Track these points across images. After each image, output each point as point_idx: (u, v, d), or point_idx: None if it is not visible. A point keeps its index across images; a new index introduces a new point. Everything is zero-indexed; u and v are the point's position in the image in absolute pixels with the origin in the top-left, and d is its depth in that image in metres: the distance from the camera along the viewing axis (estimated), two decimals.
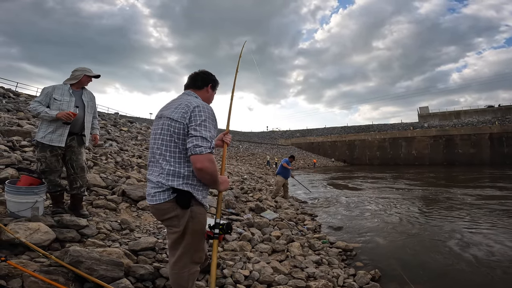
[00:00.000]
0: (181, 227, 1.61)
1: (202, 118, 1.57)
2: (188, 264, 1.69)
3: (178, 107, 1.64)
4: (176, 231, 1.63)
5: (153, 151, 1.67)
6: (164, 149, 1.60)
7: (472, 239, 4.74)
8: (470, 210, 7.17)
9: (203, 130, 1.54)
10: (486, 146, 45.85)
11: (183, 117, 1.58)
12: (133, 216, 3.72)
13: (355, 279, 3.12)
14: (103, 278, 1.88)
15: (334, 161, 54.94)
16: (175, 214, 1.59)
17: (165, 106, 1.77)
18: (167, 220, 1.64)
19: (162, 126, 1.64)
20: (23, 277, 1.73)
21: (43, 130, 2.83)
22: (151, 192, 1.61)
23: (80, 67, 3.08)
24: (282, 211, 6.25)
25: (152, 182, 1.62)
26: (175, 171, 1.57)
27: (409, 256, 4.06)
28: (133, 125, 18.51)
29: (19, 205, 2.54)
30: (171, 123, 1.59)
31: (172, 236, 1.66)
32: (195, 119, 1.56)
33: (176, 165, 1.58)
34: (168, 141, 1.60)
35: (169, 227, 1.68)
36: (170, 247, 1.72)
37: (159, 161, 1.60)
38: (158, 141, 1.63)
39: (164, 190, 1.57)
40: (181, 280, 1.69)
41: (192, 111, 1.58)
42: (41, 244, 2.16)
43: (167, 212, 1.60)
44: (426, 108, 65.57)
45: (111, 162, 6.09)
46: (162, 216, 1.65)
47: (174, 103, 1.73)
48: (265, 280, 2.57)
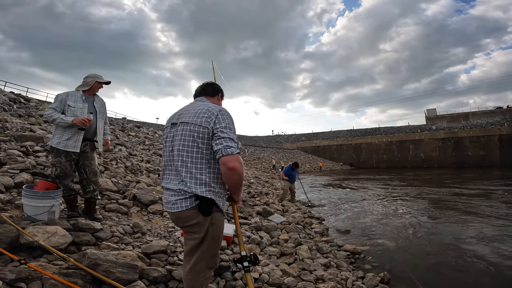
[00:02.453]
0: (202, 234, 1.61)
1: (227, 121, 1.60)
2: (204, 270, 1.70)
3: (199, 112, 1.65)
4: (196, 237, 1.63)
5: (171, 158, 1.66)
6: (186, 155, 1.59)
7: (483, 242, 4.70)
8: (481, 213, 7.10)
9: (230, 132, 1.57)
10: (496, 148, 45.19)
11: (207, 122, 1.59)
12: (144, 220, 3.80)
13: (364, 282, 3.13)
14: (119, 281, 1.94)
15: (342, 164, 54.63)
16: (196, 222, 1.59)
17: (179, 113, 1.77)
18: (187, 227, 1.64)
19: (183, 132, 1.62)
20: (42, 280, 1.77)
21: (58, 136, 2.89)
22: (172, 200, 1.60)
23: (92, 73, 3.16)
24: (289, 215, 6.27)
25: (172, 190, 1.61)
26: (197, 178, 1.56)
27: (418, 258, 4.05)
28: (140, 129, 18.74)
29: (36, 209, 2.62)
30: (194, 128, 1.60)
31: (191, 242, 1.67)
32: (220, 122, 1.59)
33: (198, 171, 1.57)
34: (190, 147, 1.59)
35: (189, 233, 1.67)
36: (187, 253, 1.73)
37: (178, 168, 1.59)
38: (178, 147, 1.62)
39: (187, 198, 1.56)
40: (196, 285, 1.70)
41: (216, 115, 1.61)
42: (59, 247, 2.22)
43: (188, 220, 1.60)
44: (433, 110, 64.96)
45: (121, 167, 6.20)
46: (183, 223, 1.64)
47: (189, 109, 1.73)
48: (275, 283, 2.60)
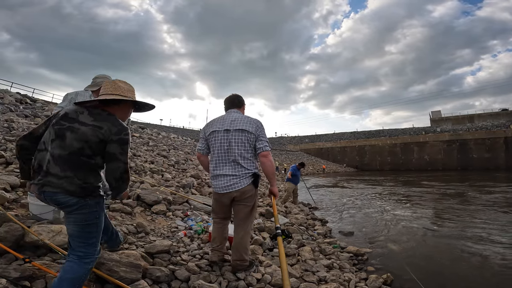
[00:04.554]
0: (253, 202, 2.44)
1: (263, 130, 2.44)
2: (250, 231, 2.55)
3: (247, 122, 2.39)
4: (249, 205, 2.43)
5: (228, 153, 2.35)
6: (244, 150, 2.34)
7: (488, 245, 4.64)
8: (487, 216, 7.02)
9: (266, 137, 2.43)
10: (501, 150, 44.77)
11: (255, 129, 2.37)
12: (148, 220, 3.81)
13: (367, 283, 3.11)
14: (122, 280, 1.95)
15: (345, 166, 54.41)
16: (252, 193, 2.40)
17: (223, 122, 2.44)
18: (245, 199, 2.39)
19: (239, 137, 2.35)
20: (46, 278, 1.79)
21: None
22: (232, 183, 2.31)
23: (101, 74, 3.18)
24: (293, 216, 6.26)
25: (230, 174, 2.33)
26: (250, 164, 2.38)
27: (422, 260, 4.02)
28: (144, 131, 18.84)
29: (41, 208, 2.64)
30: (247, 135, 2.35)
31: (245, 210, 2.43)
32: (261, 130, 2.41)
33: (250, 160, 2.38)
34: (245, 146, 2.35)
35: (244, 203, 2.41)
36: (240, 220, 2.46)
37: (237, 160, 2.32)
38: (236, 146, 2.33)
39: (247, 177, 2.35)
40: (245, 242, 2.45)
41: (258, 125, 2.41)
42: (63, 246, 2.23)
43: (248, 192, 2.37)
44: (438, 112, 64.49)
45: None
46: (245, 196, 2.37)
47: (235, 119, 2.43)
48: (277, 283, 2.59)
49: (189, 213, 4.37)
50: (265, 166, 2.40)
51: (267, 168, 2.41)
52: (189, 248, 3.01)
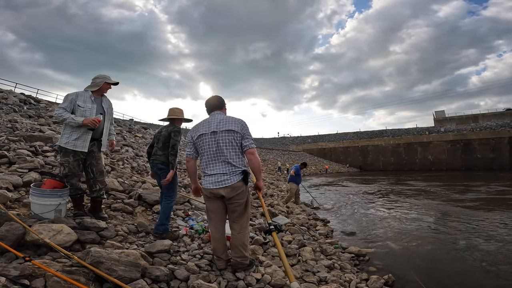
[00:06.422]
0: (245, 198, 2.53)
1: (248, 128, 2.57)
2: (247, 226, 2.60)
3: (232, 122, 2.52)
4: (241, 202, 2.50)
5: (218, 154, 2.46)
6: (232, 149, 2.46)
7: (491, 246, 4.61)
8: (491, 217, 6.97)
9: (251, 135, 2.57)
10: (506, 150, 44.31)
11: (240, 129, 2.50)
12: (149, 220, 3.83)
13: (368, 284, 3.10)
14: (121, 279, 1.95)
15: (348, 166, 54.19)
16: (243, 189, 2.49)
17: (209, 124, 2.54)
18: (237, 195, 2.46)
19: (226, 137, 2.46)
20: (46, 277, 1.79)
21: (67, 136, 2.91)
22: (225, 178, 2.42)
23: (101, 74, 3.18)
24: (294, 217, 6.25)
25: (221, 172, 2.43)
26: (239, 162, 2.49)
27: (423, 261, 4.00)
28: (147, 131, 18.92)
29: (43, 207, 2.67)
30: (234, 134, 2.47)
31: (239, 208, 2.51)
32: (246, 129, 2.54)
33: (238, 158, 2.49)
34: (233, 145, 2.47)
35: (237, 200, 2.48)
36: (236, 217, 2.54)
37: (228, 158, 2.43)
38: (224, 146, 2.44)
39: (237, 174, 2.45)
40: (245, 239, 2.53)
41: (242, 124, 2.54)
42: (64, 245, 2.25)
43: (239, 188, 2.45)
44: (442, 112, 63.96)
45: (127, 167, 6.26)
46: (236, 192, 2.44)
47: (220, 120, 2.54)
48: (277, 284, 2.59)
49: (190, 213, 4.38)
50: (252, 163, 2.52)
51: (254, 165, 2.53)
52: (190, 247, 3.02)
